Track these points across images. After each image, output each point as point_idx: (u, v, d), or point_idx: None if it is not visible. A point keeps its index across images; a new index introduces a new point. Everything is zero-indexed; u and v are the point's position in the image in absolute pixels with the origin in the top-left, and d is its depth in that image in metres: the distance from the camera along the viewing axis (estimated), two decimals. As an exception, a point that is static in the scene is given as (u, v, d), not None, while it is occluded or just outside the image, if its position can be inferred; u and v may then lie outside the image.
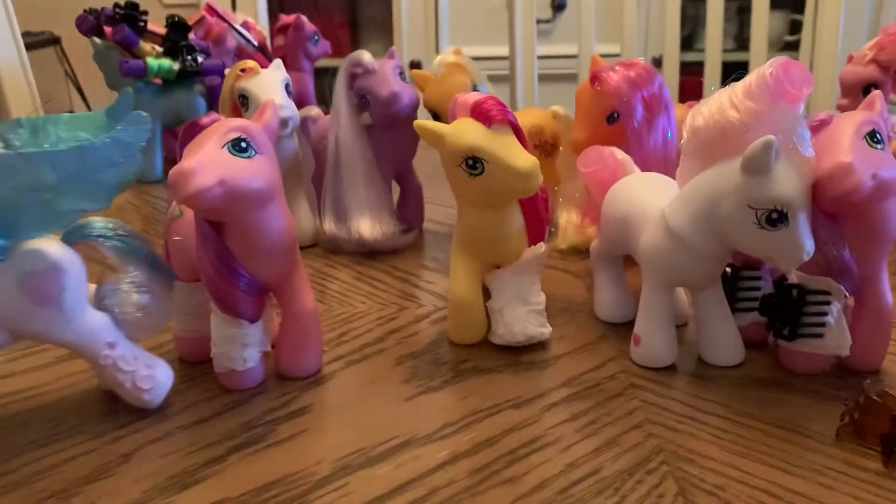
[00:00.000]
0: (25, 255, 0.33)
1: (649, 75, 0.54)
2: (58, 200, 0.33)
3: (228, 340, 0.38)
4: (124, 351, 0.36)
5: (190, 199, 0.32)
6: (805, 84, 0.34)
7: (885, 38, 0.60)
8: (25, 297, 0.33)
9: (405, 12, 1.70)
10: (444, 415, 0.37)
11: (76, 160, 0.33)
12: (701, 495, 0.30)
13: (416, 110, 0.61)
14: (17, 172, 0.32)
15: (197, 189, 0.32)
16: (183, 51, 0.79)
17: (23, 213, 0.33)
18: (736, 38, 1.87)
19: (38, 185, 0.32)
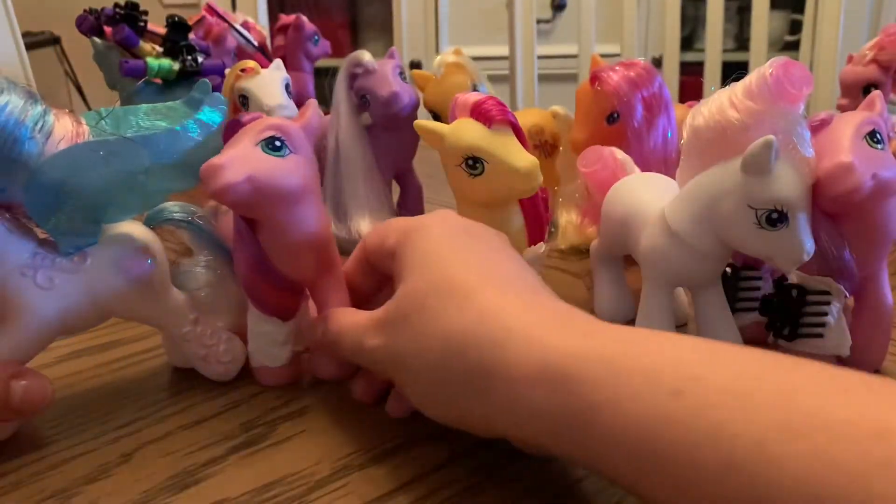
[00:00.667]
0: (117, 237, 0.35)
1: (649, 75, 0.54)
2: (150, 183, 0.35)
3: (263, 336, 0.39)
4: (205, 327, 0.39)
5: (218, 192, 0.33)
6: (805, 84, 0.34)
7: (885, 38, 0.60)
8: (119, 277, 0.35)
9: (405, 12, 1.71)
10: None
11: (169, 143, 0.35)
12: (701, 495, 0.30)
13: (416, 110, 0.61)
14: (119, 156, 0.33)
15: (225, 183, 0.33)
16: (183, 51, 0.79)
17: (117, 196, 0.34)
18: (736, 38, 1.88)
19: (134, 167, 0.34)
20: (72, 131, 0.33)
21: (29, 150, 0.31)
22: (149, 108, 0.37)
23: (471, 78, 0.66)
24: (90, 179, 0.33)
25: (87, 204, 0.33)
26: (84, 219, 0.34)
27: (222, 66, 0.81)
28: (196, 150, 0.36)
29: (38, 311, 0.33)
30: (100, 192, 0.33)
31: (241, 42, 0.92)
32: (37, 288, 0.33)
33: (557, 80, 1.50)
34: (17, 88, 0.32)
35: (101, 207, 0.34)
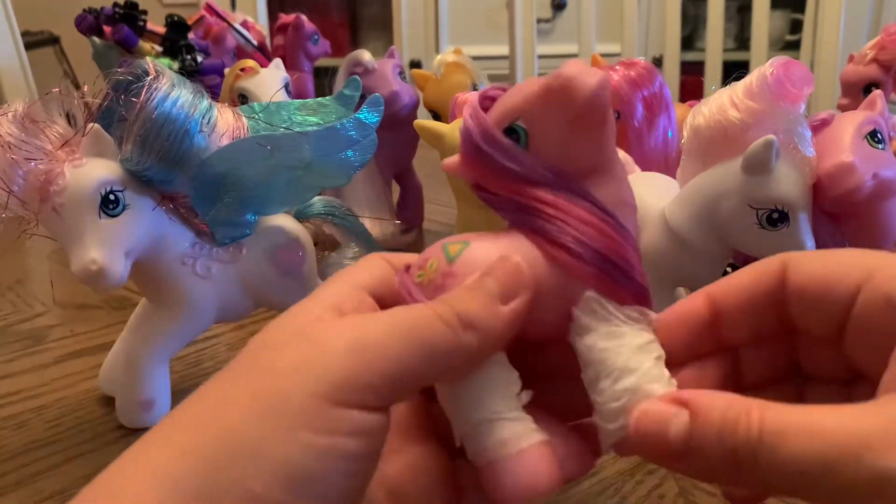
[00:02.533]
0: (270, 230, 0.37)
1: (650, 75, 0.54)
2: (306, 178, 0.36)
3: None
4: None
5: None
6: (806, 83, 0.34)
7: (886, 38, 0.60)
8: (272, 268, 0.37)
9: (405, 12, 1.71)
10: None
11: (328, 139, 0.36)
12: (701, 496, 0.30)
13: (416, 110, 0.61)
14: (282, 151, 0.34)
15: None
16: (182, 50, 0.79)
17: (275, 190, 0.35)
18: (736, 38, 1.87)
19: (296, 162, 0.35)
20: (233, 125, 0.34)
21: (198, 143, 0.32)
22: (300, 103, 0.38)
23: (471, 77, 0.66)
24: (252, 172, 0.34)
25: (246, 196, 0.34)
26: (242, 211, 0.35)
27: (221, 65, 0.81)
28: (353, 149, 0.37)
29: (197, 298, 0.35)
30: (260, 186, 0.35)
31: (241, 41, 0.91)
32: (195, 276, 0.35)
33: (557, 80, 1.50)
34: (185, 83, 0.32)
35: (259, 200, 0.35)
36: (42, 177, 0.31)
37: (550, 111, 0.22)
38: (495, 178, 0.22)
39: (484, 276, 0.21)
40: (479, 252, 0.22)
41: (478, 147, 0.22)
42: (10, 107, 0.32)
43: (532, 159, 0.22)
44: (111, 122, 0.33)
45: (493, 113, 0.23)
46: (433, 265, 0.22)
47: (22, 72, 1.03)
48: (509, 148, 0.22)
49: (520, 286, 0.21)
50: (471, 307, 0.20)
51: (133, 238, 0.32)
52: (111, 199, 0.31)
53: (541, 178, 0.22)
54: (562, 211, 0.22)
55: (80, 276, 0.31)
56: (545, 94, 0.21)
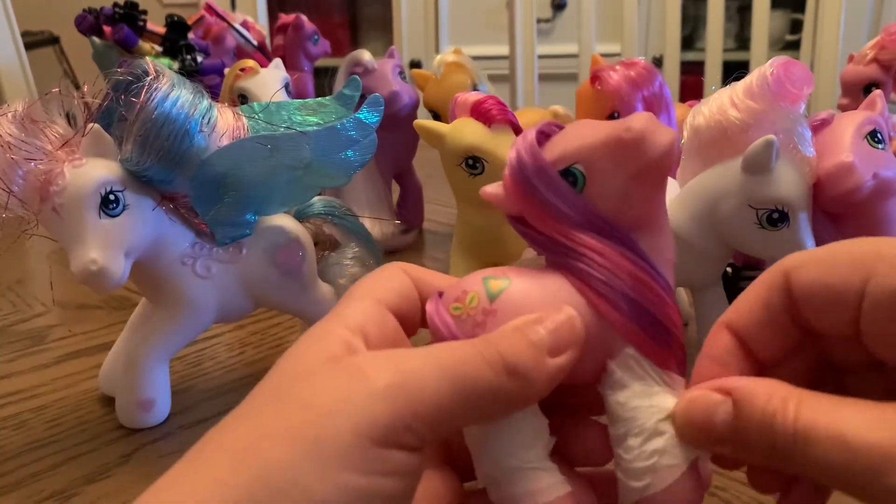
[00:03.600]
0: (270, 229, 0.37)
1: (650, 75, 0.54)
2: (307, 178, 0.36)
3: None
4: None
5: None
6: (806, 83, 0.34)
7: (886, 38, 0.60)
8: (272, 268, 0.37)
9: (405, 12, 1.71)
10: None
11: (328, 139, 0.36)
12: (701, 496, 0.30)
13: (416, 110, 0.61)
14: (283, 151, 0.34)
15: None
16: (182, 50, 0.79)
17: (275, 190, 0.35)
18: (737, 38, 1.87)
19: (296, 162, 0.35)
20: (233, 125, 0.34)
21: (198, 143, 0.32)
22: (300, 103, 0.38)
23: (471, 77, 0.66)
24: (252, 172, 0.34)
25: (246, 196, 0.35)
26: (242, 211, 0.35)
27: (221, 65, 0.81)
28: (353, 149, 0.37)
29: (197, 298, 0.35)
30: (260, 186, 0.35)
31: (241, 41, 0.91)
32: (195, 276, 0.35)
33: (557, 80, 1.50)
34: (185, 83, 0.32)
35: (259, 200, 0.35)
36: (42, 177, 0.31)
37: (615, 162, 0.21)
38: (542, 216, 0.22)
39: (535, 323, 0.20)
40: (522, 293, 0.22)
41: (529, 182, 0.22)
42: (10, 107, 0.32)
43: (585, 204, 0.22)
44: (111, 122, 0.33)
45: (550, 151, 0.22)
46: (473, 301, 0.22)
47: (22, 72, 1.03)
48: (565, 190, 0.22)
49: (571, 341, 0.21)
50: (518, 355, 0.20)
51: (133, 238, 0.32)
52: (111, 199, 0.31)
53: (592, 224, 0.22)
54: (609, 260, 0.21)
55: (80, 276, 0.31)
56: (614, 145, 0.21)
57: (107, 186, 0.31)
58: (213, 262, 0.35)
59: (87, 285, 0.31)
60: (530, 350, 0.20)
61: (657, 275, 0.22)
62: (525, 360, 0.20)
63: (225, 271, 0.36)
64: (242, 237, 0.36)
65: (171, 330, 0.35)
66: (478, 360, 0.19)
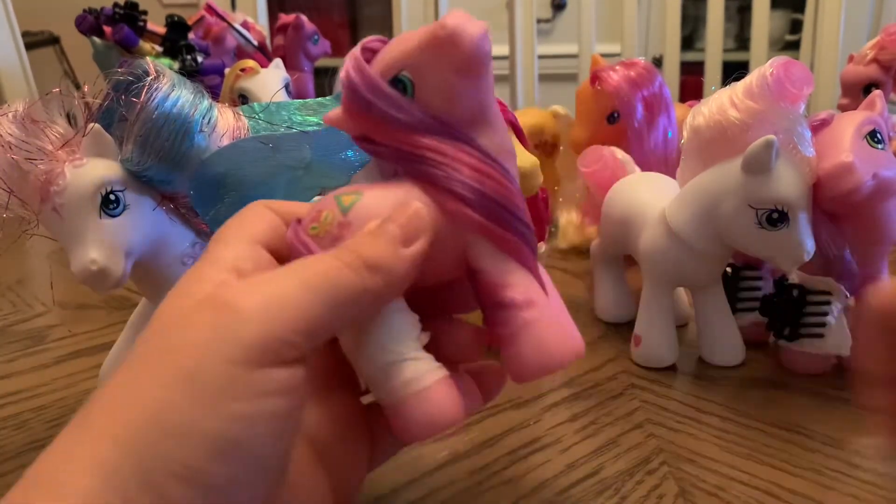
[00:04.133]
0: None
1: (650, 75, 0.54)
2: (307, 178, 0.36)
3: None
4: None
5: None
6: (806, 84, 0.34)
7: (886, 38, 0.60)
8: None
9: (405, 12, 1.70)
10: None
11: (328, 139, 0.35)
12: (701, 496, 0.30)
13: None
14: (283, 151, 0.34)
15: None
16: (182, 50, 0.79)
17: (275, 190, 0.35)
18: (736, 38, 1.88)
19: (296, 162, 0.35)
20: (233, 125, 0.34)
21: (199, 143, 0.32)
22: (300, 103, 0.38)
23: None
24: (253, 172, 0.34)
25: (246, 196, 0.34)
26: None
27: (222, 65, 0.81)
28: (354, 150, 0.36)
29: None
30: (260, 186, 0.35)
31: (241, 41, 0.91)
32: None
33: (557, 80, 1.50)
34: (185, 83, 0.32)
35: (261, 199, 0.35)
36: (42, 177, 0.31)
37: (436, 61, 0.22)
38: (382, 129, 0.23)
39: (385, 221, 0.22)
40: (372, 201, 0.23)
41: (364, 98, 0.22)
42: (10, 107, 0.32)
43: (419, 109, 0.22)
44: (111, 122, 0.33)
45: (376, 65, 0.23)
46: (328, 217, 0.23)
47: (22, 72, 1.03)
48: (396, 98, 0.22)
49: (420, 229, 0.22)
50: (375, 251, 0.21)
51: (133, 238, 0.32)
52: (111, 199, 0.31)
53: (428, 126, 0.23)
54: (450, 158, 0.22)
55: (80, 277, 0.31)
56: (431, 44, 0.22)
57: (107, 186, 0.31)
58: None
59: (88, 285, 0.31)
60: (385, 244, 0.21)
61: (498, 166, 0.23)
62: (382, 254, 0.21)
63: None
64: None
65: None
66: (338, 265, 0.20)
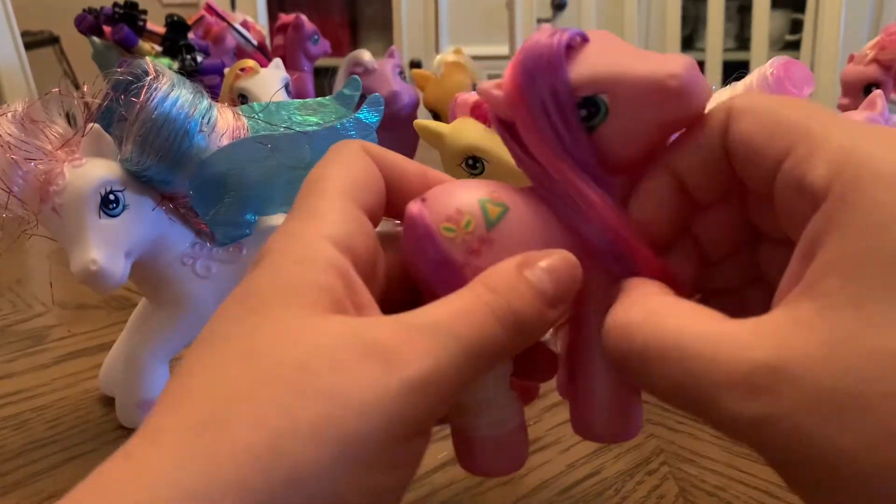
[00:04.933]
0: (270, 230, 0.36)
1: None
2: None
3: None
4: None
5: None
6: (806, 83, 0.34)
7: (887, 38, 0.60)
8: None
9: (405, 12, 1.71)
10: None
11: (328, 139, 0.35)
12: (702, 496, 0.30)
13: (416, 110, 0.61)
14: (283, 151, 0.34)
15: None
16: (182, 50, 0.79)
17: (275, 190, 0.35)
18: (737, 38, 1.87)
19: (296, 162, 0.35)
20: (233, 125, 0.34)
21: (198, 143, 0.32)
22: (300, 103, 0.38)
23: (471, 77, 0.66)
24: (253, 172, 0.34)
25: (246, 196, 0.35)
26: (242, 211, 0.35)
27: (221, 65, 0.81)
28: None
29: (196, 298, 0.35)
30: (260, 186, 0.35)
31: (241, 41, 0.91)
32: (195, 276, 0.35)
33: (557, 80, 1.50)
34: (185, 83, 0.32)
35: (259, 200, 0.35)
36: (42, 177, 0.31)
37: (649, 107, 0.19)
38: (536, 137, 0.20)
39: (538, 268, 0.19)
40: (520, 224, 0.20)
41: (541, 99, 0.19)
42: (10, 107, 0.32)
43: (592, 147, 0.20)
44: (111, 122, 0.33)
45: (578, 69, 0.19)
46: (469, 225, 0.20)
47: (22, 72, 1.03)
48: (575, 127, 0.19)
49: (571, 291, 0.19)
50: (526, 309, 0.18)
51: (133, 238, 0.32)
52: (111, 199, 0.31)
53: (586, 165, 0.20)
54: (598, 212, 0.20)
55: (79, 277, 0.31)
56: (654, 89, 0.18)
57: (107, 186, 0.31)
58: (213, 262, 0.35)
59: (87, 285, 0.31)
60: (537, 302, 0.19)
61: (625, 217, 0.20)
62: (531, 314, 0.18)
63: (225, 271, 0.36)
64: (242, 237, 0.36)
65: (171, 330, 0.35)
66: (491, 321, 0.18)
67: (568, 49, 0.19)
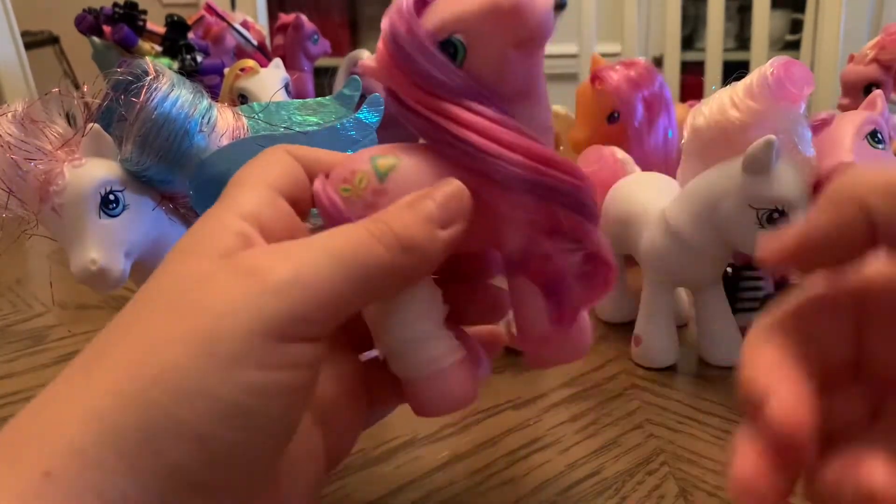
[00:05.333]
0: None
1: (650, 75, 0.54)
2: None
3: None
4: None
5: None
6: (806, 83, 0.34)
7: (887, 38, 0.60)
8: None
9: (405, 11, 1.70)
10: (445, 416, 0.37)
11: (328, 139, 0.35)
12: (702, 496, 0.30)
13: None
14: None
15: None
16: (182, 50, 0.79)
17: None
18: (737, 38, 1.87)
19: None
20: (233, 125, 0.34)
21: (198, 143, 0.32)
22: (300, 103, 0.38)
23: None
24: None
25: None
26: None
27: (221, 65, 0.81)
28: (353, 149, 0.36)
29: None
30: None
31: (241, 41, 0.91)
32: None
33: (557, 80, 1.50)
34: (185, 83, 0.32)
35: None
36: (42, 177, 0.31)
37: (495, 31, 0.20)
38: (417, 90, 0.21)
39: (424, 197, 0.21)
40: (411, 171, 0.22)
41: (406, 54, 0.20)
42: (10, 107, 0.32)
43: (465, 77, 0.21)
44: (111, 122, 0.33)
45: (428, 20, 0.21)
46: (362, 181, 0.21)
47: (22, 72, 1.03)
48: (444, 63, 0.20)
49: (459, 212, 0.21)
50: (411, 230, 0.20)
51: (133, 238, 0.32)
52: (111, 199, 0.31)
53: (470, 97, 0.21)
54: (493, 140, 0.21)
55: (79, 277, 0.31)
56: (493, 12, 0.20)
57: (107, 186, 0.31)
58: None
59: (87, 285, 0.31)
60: (422, 224, 0.20)
61: (537, 143, 0.21)
62: (418, 235, 0.20)
63: None
64: None
65: None
66: (372, 242, 0.19)
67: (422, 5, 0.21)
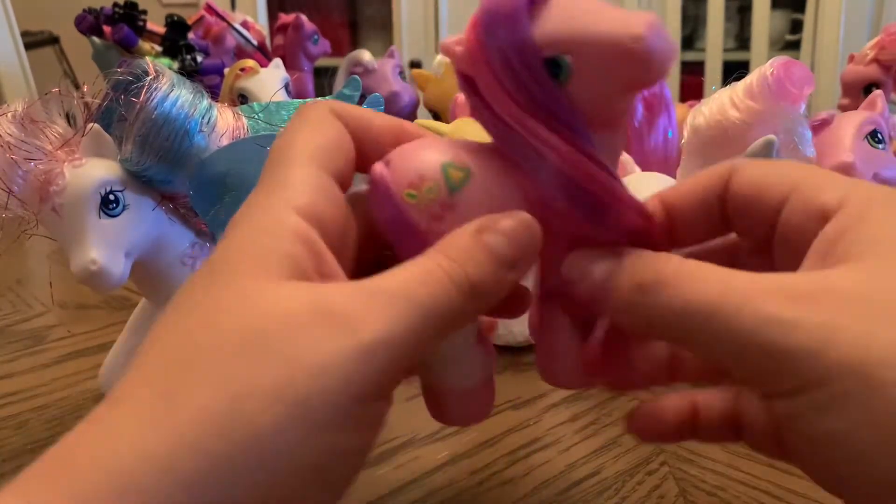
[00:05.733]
0: None
1: (650, 75, 0.54)
2: None
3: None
4: None
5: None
6: (806, 83, 0.34)
7: (887, 38, 0.60)
8: None
9: (405, 12, 1.70)
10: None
11: None
12: (701, 496, 0.30)
13: (416, 109, 0.61)
14: None
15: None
16: (182, 50, 0.79)
17: None
18: (737, 38, 1.87)
19: None
20: (233, 125, 0.34)
21: (198, 143, 0.32)
22: (300, 103, 0.38)
23: (471, 77, 0.66)
24: (252, 173, 0.34)
25: (245, 196, 0.34)
26: None
27: (221, 65, 0.81)
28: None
29: None
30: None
31: (241, 41, 0.91)
32: None
33: (557, 80, 1.50)
34: (185, 83, 0.32)
35: None
36: (42, 177, 0.31)
37: (614, 69, 0.18)
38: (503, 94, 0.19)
39: (496, 232, 0.19)
40: (482, 190, 0.20)
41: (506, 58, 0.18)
42: (10, 107, 0.32)
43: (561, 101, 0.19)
44: (111, 122, 0.33)
45: (540, 28, 0.18)
46: (431, 190, 0.19)
47: (22, 72, 1.03)
48: (545, 82, 0.18)
49: (530, 253, 0.20)
50: (483, 274, 0.19)
51: (133, 238, 0.32)
52: (111, 199, 0.31)
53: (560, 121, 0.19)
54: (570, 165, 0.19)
55: (79, 277, 0.31)
56: (622, 53, 0.18)
57: (106, 186, 0.31)
58: None
59: (87, 285, 0.31)
60: (494, 267, 0.19)
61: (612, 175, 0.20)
62: (489, 280, 0.19)
63: None
64: None
65: None
66: (451, 289, 0.18)
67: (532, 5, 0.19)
